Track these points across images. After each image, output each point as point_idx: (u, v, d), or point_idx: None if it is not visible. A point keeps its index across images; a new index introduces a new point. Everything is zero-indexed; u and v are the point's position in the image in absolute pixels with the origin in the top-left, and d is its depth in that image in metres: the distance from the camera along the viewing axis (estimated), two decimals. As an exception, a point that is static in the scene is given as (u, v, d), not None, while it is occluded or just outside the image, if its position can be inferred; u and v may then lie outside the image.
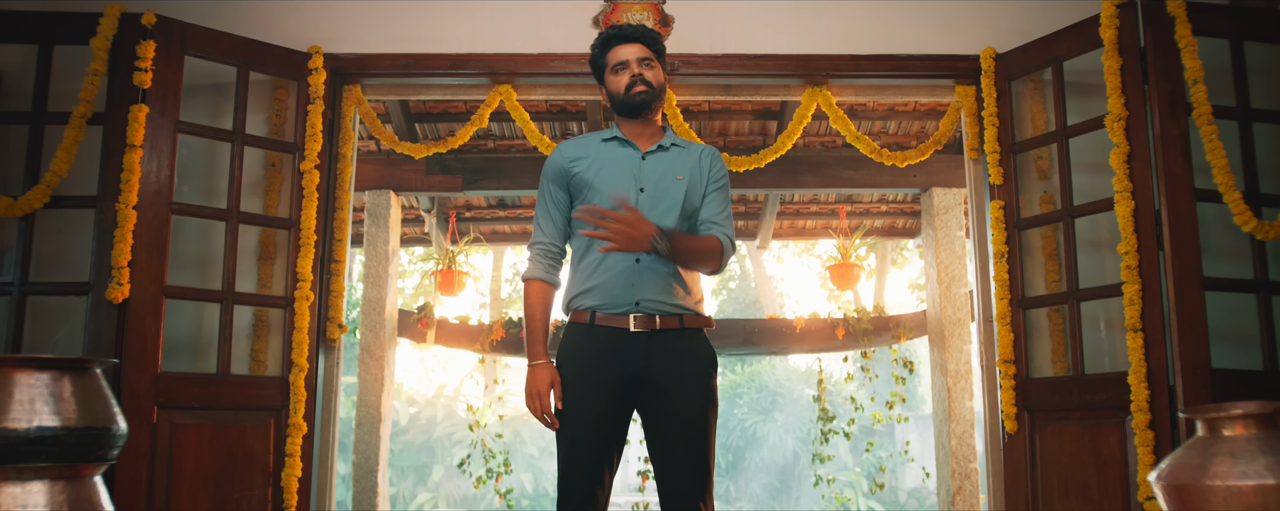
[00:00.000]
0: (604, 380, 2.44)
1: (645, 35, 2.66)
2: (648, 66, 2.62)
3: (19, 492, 1.83)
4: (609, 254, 2.47)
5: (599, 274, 2.50)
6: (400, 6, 3.95)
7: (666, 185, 2.57)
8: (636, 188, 2.55)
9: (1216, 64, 3.37)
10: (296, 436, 3.47)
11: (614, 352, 2.45)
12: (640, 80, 2.59)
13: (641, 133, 2.65)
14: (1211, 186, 3.19)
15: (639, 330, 2.45)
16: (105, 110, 3.35)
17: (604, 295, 2.49)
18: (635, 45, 2.64)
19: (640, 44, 2.64)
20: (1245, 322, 3.23)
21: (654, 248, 2.34)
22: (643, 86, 2.59)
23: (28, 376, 1.92)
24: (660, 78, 2.65)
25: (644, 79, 2.60)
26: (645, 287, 2.47)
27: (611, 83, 2.64)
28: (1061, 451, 3.37)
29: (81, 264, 3.37)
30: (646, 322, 2.46)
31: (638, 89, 2.59)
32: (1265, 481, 1.82)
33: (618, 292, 2.47)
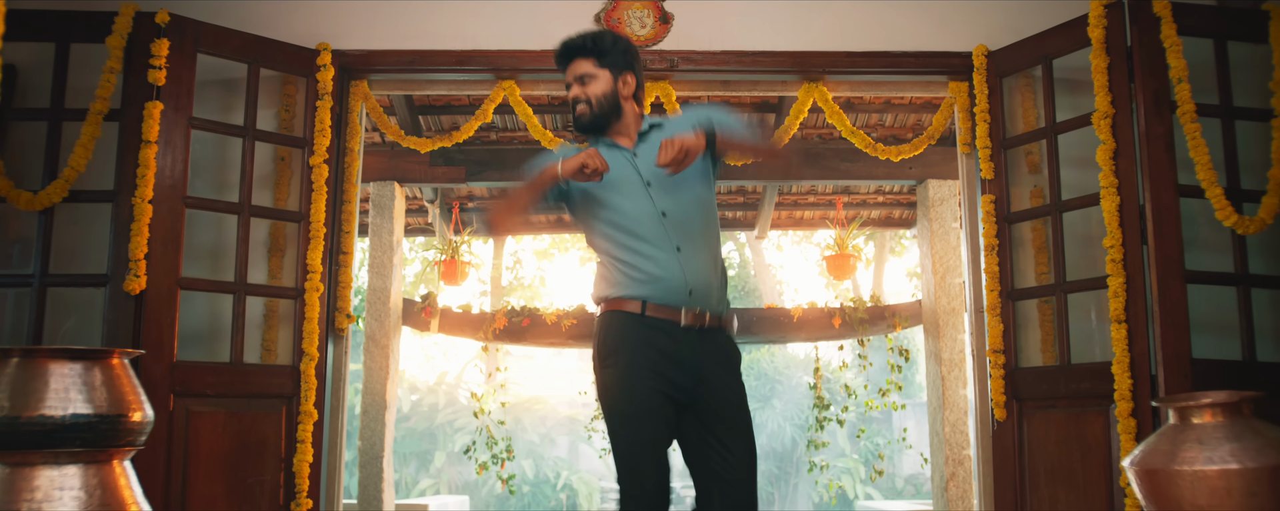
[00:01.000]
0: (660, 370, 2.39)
1: (583, 47, 2.59)
2: (587, 82, 2.57)
3: (56, 476, 1.95)
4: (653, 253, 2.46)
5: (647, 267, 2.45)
6: (406, 4, 4.04)
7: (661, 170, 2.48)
8: (644, 184, 2.52)
9: (1202, 60, 3.47)
10: (308, 423, 3.59)
11: (672, 338, 2.40)
12: (578, 101, 2.57)
13: (622, 131, 2.62)
14: (1194, 182, 3.29)
15: (690, 324, 2.41)
16: (121, 107, 3.45)
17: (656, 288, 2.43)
18: (575, 62, 2.60)
19: (580, 58, 2.59)
20: (1226, 314, 3.33)
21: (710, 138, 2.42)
22: (583, 107, 2.56)
23: (61, 366, 2.03)
24: (605, 86, 2.56)
25: (581, 98, 2.56)
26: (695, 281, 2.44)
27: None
28: (1048, 438, 3.48)
29: (97, 256, 3.47)
30: (696, 317, 2.43)
31: (578, 111, 2.57)
32: (1229, 466, 1.93)
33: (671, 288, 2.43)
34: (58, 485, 1.94)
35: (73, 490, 1.96)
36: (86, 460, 2.00)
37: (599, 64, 2.58)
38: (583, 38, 2.61)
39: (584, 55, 2.58)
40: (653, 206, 2.50)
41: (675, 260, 2.44)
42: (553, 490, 13.61)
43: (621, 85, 2.60)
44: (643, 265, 2.45)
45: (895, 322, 6.21)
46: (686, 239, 2.48)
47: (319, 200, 3.73)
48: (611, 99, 2.57)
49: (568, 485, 13.63)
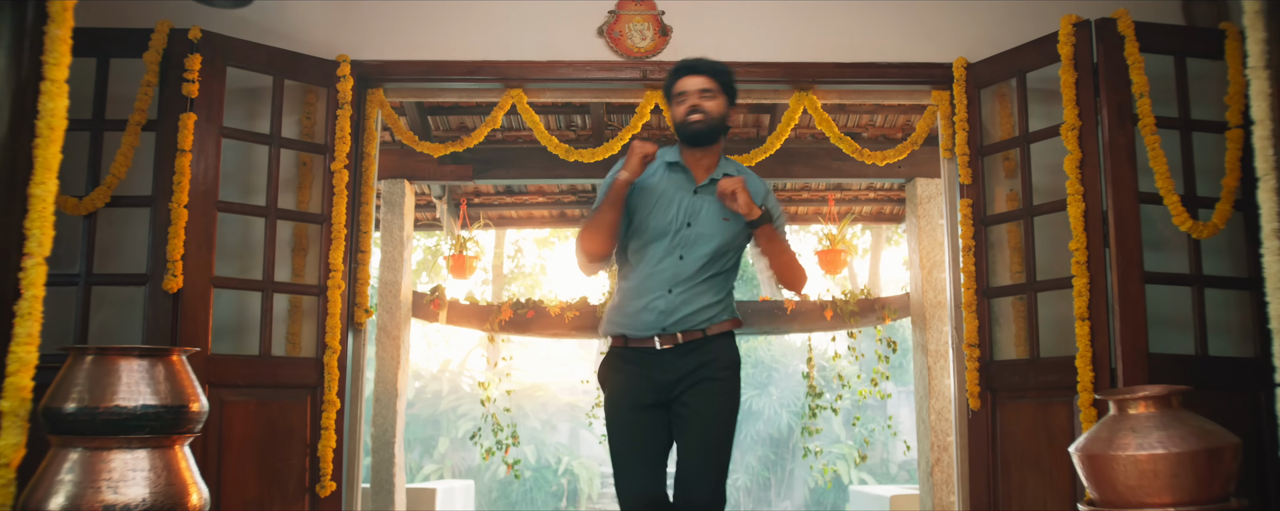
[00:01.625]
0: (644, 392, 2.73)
1: (713, 69, 2.84)
2: (708, 97, 2.80)
3: (129, 458, 2.22)
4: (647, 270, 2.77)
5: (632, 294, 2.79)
6: (420, 17, 4.29)
7: (714, 223, 2.77)
8: (684, 223, 2.77)
9: (1166, 73, 3.73)
10: (331, 411, 3.86)
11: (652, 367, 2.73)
12: (697, 110, 2.78)
13: (700, 161, 2.84)
14: (1154, 190, 3.56)
15: (665, 348, 2.72)
16: (157, 117, 3.70)
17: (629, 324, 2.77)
18: (701, 78, 2.82)
19: (706, 77, 2.82)
20: (1182, 312, 3.60)
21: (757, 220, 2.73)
22: (699, 115, 2.78)
23: (130, 363, 2.30)
24: (721, 108, 2.81)
25: (700, 108, 2.78)
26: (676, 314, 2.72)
27: (674, 111, 2.84)
28: (1018, 426, 3.75)
29: (132, 255, 3.74)
30: (668, 339, 2.72)
31: (693, 118, 2.78)
32: (1156, 451, 2.20)
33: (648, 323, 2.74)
34: (131, 467, 2.21)
35: (142, 471, 2.23)
36: (153, 445, 2.27)
37: (721, 89, 2.84)
38: (709, 61, 2.87)
39: (712, 76, 2.83)
40: (676, 245, 2.76)
41: (663, 299, 2.74)
42: (554, 475, 13.93)
43: (729, 115, 2.88)
44: (631, 305, 2.78)
45: (884, 315, 6.48)
46: (686, 283, 2.74)
47: (340, 203, 3.99)
48: (721, 120, 2.83)
49: (569, 470, 13.95)
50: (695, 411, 2.71)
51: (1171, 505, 2.19)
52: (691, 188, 2.83)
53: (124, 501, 2.19)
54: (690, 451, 2.69)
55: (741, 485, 14.21)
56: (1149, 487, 2.21)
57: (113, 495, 2.18)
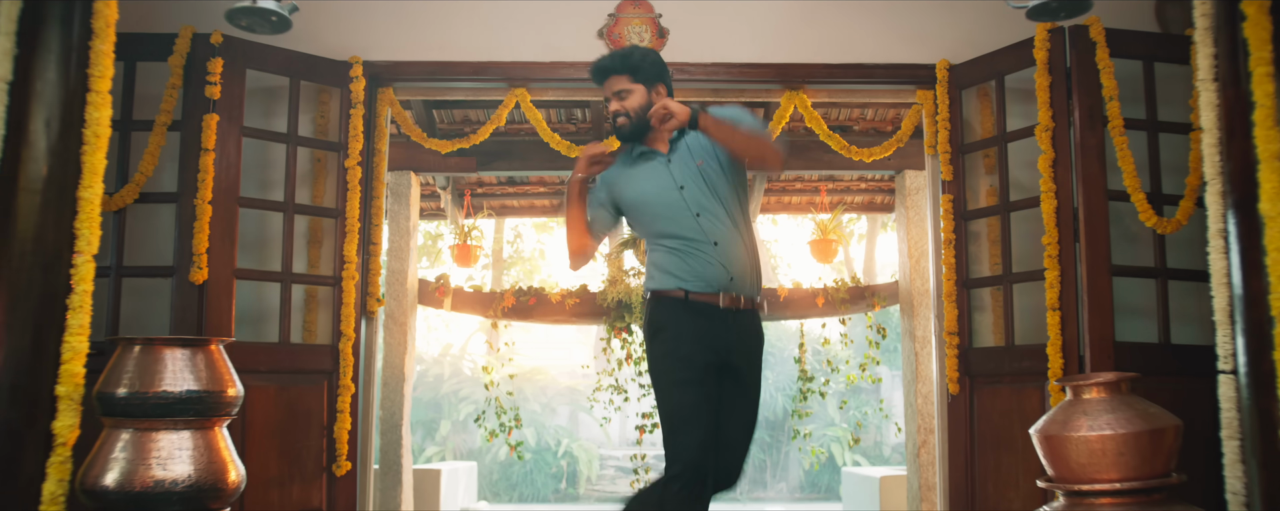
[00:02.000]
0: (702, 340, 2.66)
1: (620, 64, 2.82)
2: (624, 97, 2.81)
3: (175, 438, 2.45)
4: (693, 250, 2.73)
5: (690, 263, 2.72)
6: (429, 19, 4.49)
7: (694, 173, 2.78)
8: (677, 188, 2.78)
9: (1134, 73, 3.94)
10: (346, 395, 4.09)
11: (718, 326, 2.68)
12: (619, 113, 2.82)
13: (658, 138, 2.86)
14: (1122, 188, 3.78)
15: (727, 307, 2.69)
16: (181, 118, 3.92)
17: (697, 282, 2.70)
18: (612, 78, 2.83)
19: (616, 75, 2.82)
20: (1147, 302, 3.83)
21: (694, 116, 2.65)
22: (623, 118, 2.82)
23: (174, 352, 2.53)
24: (641, 99, 2.79)
25: (621, 112, 2.82)
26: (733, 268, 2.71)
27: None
28: (994, 410, 3.99)
29: (156, 248, 3.96)
30: (733, 301, 2.70)
31: (619, 122, 2.84)
32: (1105, 432, 2.44)
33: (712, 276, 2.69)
34: (177, 446, 2.44)
35: (187, 450, 2.46)
36: (196, 427, 2.50)
37: (634, 80, 2.82)
38: (614, 58, 2.85)
39: (619, 73, 2.82)
40: (687, 207, 2.77)
41: (713, 253, 2.71)
42: (554, 457, 14.18)
43: (655, 96, 2.83)
44: (686, 261, 2.73)
45: (874, 302, 6.70)
46: (722, 234, 2.74)
47: (353, 198, 4.21)
48: (646, 109, 2.79)
49: (568, 452, 14.20)
50: (747, 385, 2.74)
51: (1118, 480, 2.43)
52: (665, 159, 2.84)
53: (172, 477, 2.42)
54: (736, 423, 2.71)
55: (738, 467, 14.46)
56: (1098, 465, 2.45)
57: (162, 471, 2.42)
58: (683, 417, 2.59)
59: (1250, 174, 2.60)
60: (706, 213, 2.77)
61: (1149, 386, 3.51)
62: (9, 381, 2.49)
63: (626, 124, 2.83)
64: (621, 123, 2.84)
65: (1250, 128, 2.59)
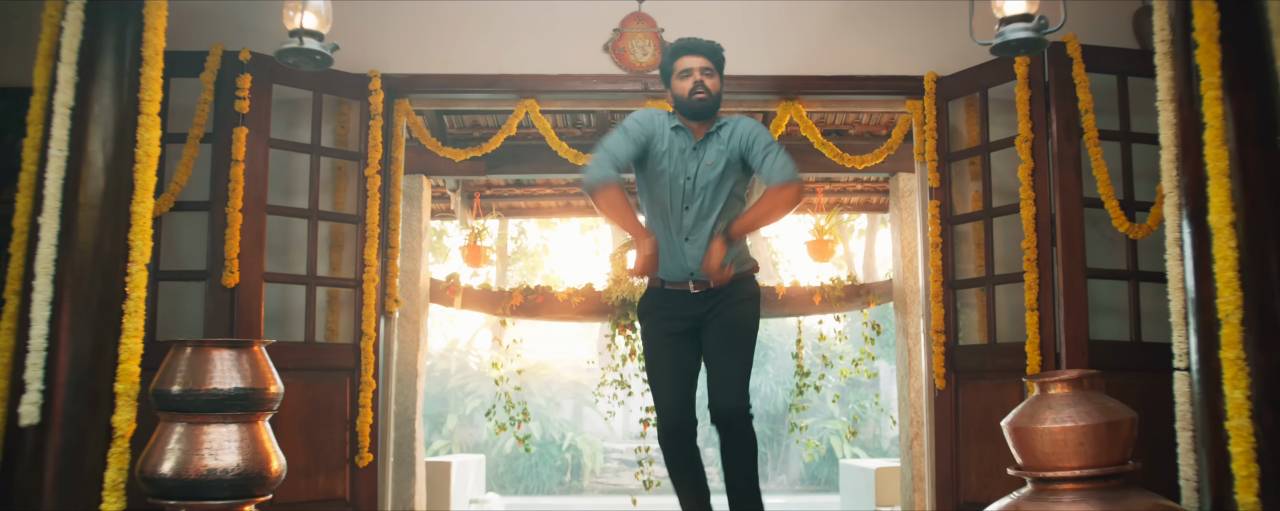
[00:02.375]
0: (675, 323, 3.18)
1: (711, 49, 3.23)
2: (709, 75, 3.20)
3: (224, 431, 2.70)
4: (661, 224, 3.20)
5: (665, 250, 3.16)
6: (443, 33, 4.74)
7: (706, 172, 3.17)
8: (687, 176, 3.17)
9: (1110, 85, 4.18)
10: (367, 391, 4.34)
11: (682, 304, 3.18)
12: (701, 87, 3.18)
13: (698, 129, 3.24)
14: (1096, 195, 4.02)
15: (697, 292, 3.17)
16: (212, 131, 4.17)
17: (669, 273, 3.20)
18: (701, 57, 3.22)
19: (705, 57, 3.22)
20: (1120, 303, 4.08)
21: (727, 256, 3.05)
22: (702, 93, 3.17)
23: (221, 353, 2.78)
24: (719, 86, 3.21)
25: (704, 86, 3.18)
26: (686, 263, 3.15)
27: (677, 87, 3.21)
28: (977, 404, 4.24)
29: (191, 253, 4.21)
30: (700, 285, 3.16)
31: (698, 95, 3.17)
32: (1067, 425, 2.68)
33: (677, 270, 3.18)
34: (226, 438, 2.70)
35: (234, 442, 2.72)
36: (242, 421, 2.76)
37: (718, 69, 3.27)
38: (716, 46, 3.26)
39: (710, 56, 3.24)
40: (682, 197, 3.18)
41: (683, 248, 3.17)
42: (558, 450, 14.46)
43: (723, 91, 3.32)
44: (661, 255, 3.15)
45: (869, 299, 6.95)
46: (697, 229, 3.17)
47: (373, 205, 4.46)
48: (720, 96, 3.27)
49: (573, 445, 14.47)
50: (717, 329, 3.16)
51: (1078, 467, 2.67)
52: (692, 145, 3.21)
53: (222, 466, 2.68)
54: (715, 362, 3.15)
55: (739, 459, 14.73)
56: (1061, 454, 2.69)
57: (213, 461, 2.67)
58: (656, 380, 3.21)
59: (1202, 188, 2.84)
60: (694, 207, 3.18)
61: (1121, 381, 3.79)
62: (73, 379, 2.75)
63: (706, 98, 3.21)
64: (701, 96, 3.21)
65: (1202, 146, 2.83)
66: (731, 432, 3.12)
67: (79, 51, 2.83)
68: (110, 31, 2.93)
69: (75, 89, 2.82)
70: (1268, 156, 2.79)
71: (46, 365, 2.71)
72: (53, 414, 2.71)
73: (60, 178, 2.76)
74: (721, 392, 3.11)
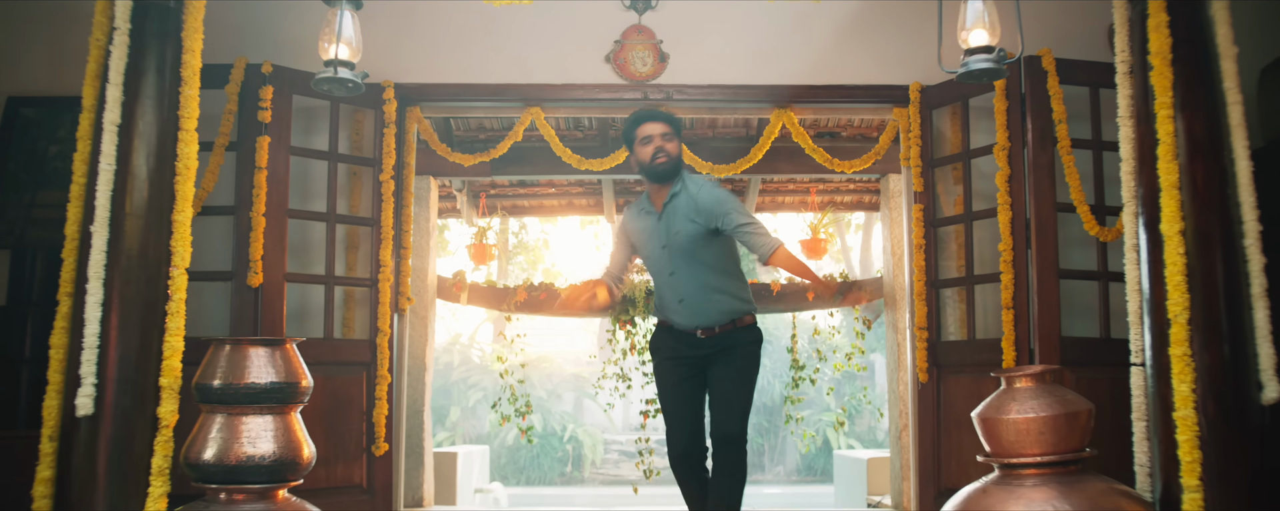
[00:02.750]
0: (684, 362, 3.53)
1: (669, 118, 3.56)
2: (668, 140, 3.50)
3: (260, 422, 2.97)
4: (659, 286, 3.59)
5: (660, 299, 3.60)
6: (453, 45, 4.98)
7: (674, 236, 3.50)
8: (661, 246, 3.53)
9: (1082, 96, 4.42)
10: (382, 385, 4.61)
11: (689, 345, 3.52)
12: (662, 152, 3.49)
13: (660, 192, 3.56)
14: (1068, 201, 4.28)
15: (704, 337, 3.50)
16: (237, 139, 4.42)
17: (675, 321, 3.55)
18: (660, 123, 3.52)
19: (664, 123, 3.52)
20: (1091, 301, 4.34)
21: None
22: (663, 157, 3.49)
23: (257, 350, 3.04)
24: (677, 149, 3.52)
25: (665, 151, 3.49)
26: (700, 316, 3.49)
27: (640, 152, 3.54)
28: (957, 396, 4.50)
29: (214, 255, 4.46)
30: (707, 332, 3.50)
31: (659, 159, 3.49)
32: (1030, 415, 2.95)
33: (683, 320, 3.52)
34: (262, 428, 2.96)
35: (269, 432, 2.98)
36: (276, 412, 3.02)
37: (676, 135, 3.56)
38: (667, 116, 3.59)
39: (667, 123, 3.56)
40: (667, 265, 3.53)
41: (678, 307, 3.53)
42: (560, 442, 14.74)
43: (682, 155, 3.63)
44: (664, 302, 3.60)
45: (861, 296, 7.20)
46: (688, 290, 3.51)
47: (387, 208, 4.71)
48: (680, 158, 3.58)
49: (574, 437, 14.75)
50: (721, 368, 3.48)
51: (1039, 454, 2.93)
52: (656, 216, 3.56)
53: (259, 453, 2.94)
54: (718, 395, 3.47)
55: (737, 451, 15.02)
56: (1024, 442, 2.95)
57: (251, 449, 2.93)
58: (670, 415, 3.55)
59: (1156, 198, 3.10)
60: (679, 271, 3.50)
61: (1091, 375, 4.06)
62: (121, 375, 3.01)
63: (667, 162, 3.53)
64: (662, 161, 3.52)
65: (1155, 161, 3.09)
66: (728, 454, 3.40)
67: (124, 72, 3.08)
68: (152, 54, 3.17)
69: (121, 108, 3.06)
70: (1214, 170, 3.05)
71: (98, 361, 2.96)
72: (104, 406, 2.97)
73: (109, 190, 3.01)
74: (725, 419, 3.41)
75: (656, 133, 3.53)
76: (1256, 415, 2.97)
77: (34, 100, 4.83)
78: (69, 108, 4.69)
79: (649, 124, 3.55)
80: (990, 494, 3.00)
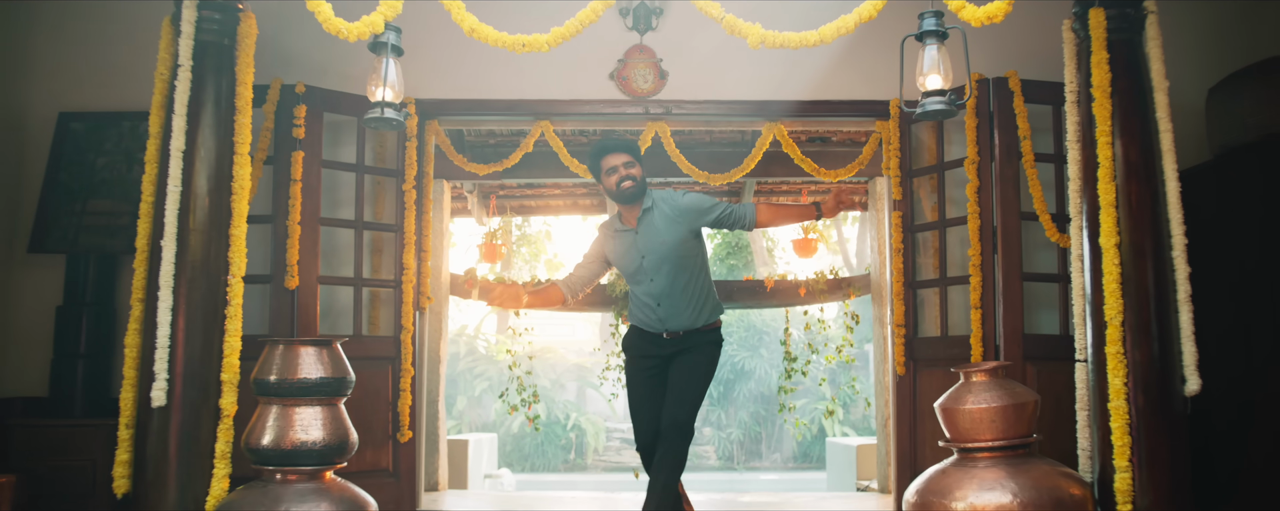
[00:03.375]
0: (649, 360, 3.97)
1: (629, 146, 3.96)
2: (630, 167, 3.89)
3: (311, 412, 3.39)
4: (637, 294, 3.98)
5: (635, 305, 4.03)
6: (469, 63, 5.39)
7: (655, 246, 3.90)
8: (640, 258, 3.93)
9: (1047, 112, 4.84)
10: (407, 377, 5.04)
11: (655, 345, 3.96)
12: (628, 178, 3.89)
13: (631, 211, 3.97)
14: (1032, 210, 4.70)
15: (668, 338, 3.94)
16: (274, 154, 4.84)
17: (640, 321, 4.01)
18: (621, 154, 3.91)
19: (624, 152, 3.92)
20: (1052, 301, 4.77)
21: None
22: (629, 182, 3.88)
23: (307, 349, 3.47)
24: (640, 173, 3.92)
25: (630, 176, 3.89)
26: (662, 320, 3.91)
27: (606, 181, 3.95)
28: (931, 388, 4.92)
29: (253, 260, 4.85)
30: (672, 334, 3.93)
31: (625, 185, 3.89)
32: (982, 406, 3.37)
33: (653, 323, 3.94)
34: (313, 417, 3.39)
35: (319, 420, 3.41)
36: (325, 403, 3.45)
37: (637, 161, 3.97)
38: (626, 143, 4.02)
39: (629, 152, 3.98)
40: (644, 276, 3.94)
41: (654, 311, 3.95)
42: (563, 430, 15.20)
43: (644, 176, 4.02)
44: (638, 307, 4.04)
45: (850, 292, 7.63)
46: (666, 297, 3.92)
47: (410, 216, 5.14)
48: (644, 180, 3.98)
49: (577, 425, 15.21)
50: (678, 366, 3.93)
51: (990, 440, 3.36)
52: (632, 233, 3.98)
53: (311, 440, 3.37)
54: (672, 386, 3.90)
55: (735, 438, 15.49)
56: (978, 429, 3.38)
57: (304, 436, 3.37)
58: (635, 412, 4.00)
59: (1096, 215, 3.52)
60: (657, 279, 3.91)
61: (1051, 369, 4.49)
62: (188, 370, 3.44)
63: (633, 186, 3.93)
64: (629, 185, 3.93)
65: (1097, 181, 3.51)
66: (672, 438, 3.79)
67: (188, 103, 3.50)
68: (210, 87, 3.59)
69: (185, 136, 3.49)
70: (1147, 190, 3.47)
71: (169, 359, 3.39)
72: (174, 397, 3.40)
73: (176, 208, 3.44)
74: (676, 408, 3.84)
75: (619, 163, 3.93)
76: (1180, 405, 3.40)
77: (82, 115, 5.24)
78: (114, 122, 5.17)
79: (610, 156, 3.96)
80: (949, 474, 3.44)
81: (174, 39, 3.61)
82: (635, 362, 4.03)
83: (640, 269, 3.96)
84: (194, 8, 3.54)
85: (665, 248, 3.91)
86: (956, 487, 3.35)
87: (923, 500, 3.41)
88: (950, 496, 3.32)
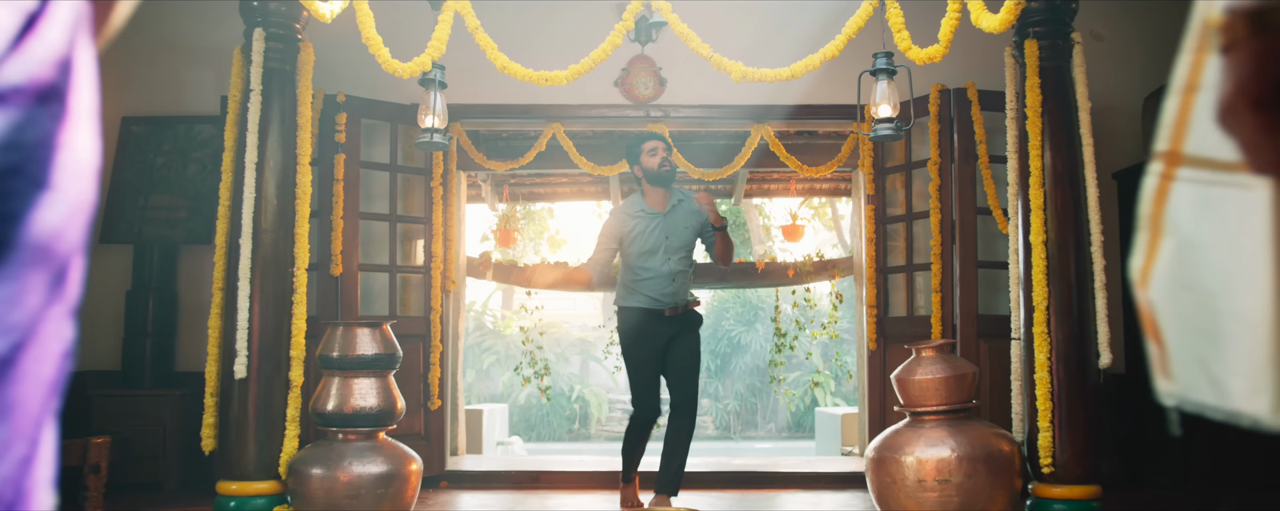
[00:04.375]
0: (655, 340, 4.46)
1: (665, 139, 4.60)
2: (668, 151, 4.52)
3: (368, 383, 4.05)
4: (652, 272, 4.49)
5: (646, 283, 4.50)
6: (487, 71, 6.00)
7: (679, 234, 4.44)
8: (665, 239, 4.44)
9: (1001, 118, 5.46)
10: (436, 353, 5.70)
11: (660, 324, 4.47)
12: (666, 161, 4.48)
13: (661, 196, 4.52)
14: (986, 206, 5.34)
15: (670, 315, 4.49)
16: (318, 157, 5.47)
17: (649, 299, 4.47)
18: (660, 141, 4.53)
19: (662, 140, 4.55)
20: (1003, 285, 5.42)
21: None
22: (667, 165, 4.49)
23: (362, 329, 4.12)
24: (676, 159, 4.61)
25: (669, 160, 4.49)
26: (673, 295, 4.48)
27: (646, 162, 4.49)
28: (898, 362, 5.55)
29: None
30: (673, 310, 4.47)
31: (665, 167, 4.46)
32: (929, 377, 4.04)
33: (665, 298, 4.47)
34: (368, 388, 4.05)
35: (374, 391, 4.07)
36: (378, 375, 4.11)
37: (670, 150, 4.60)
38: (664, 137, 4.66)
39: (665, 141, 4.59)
40: (666, 257, 4.49)
41: (669, 284, 4.45)
42: (568, 401, 15.91)
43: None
44: (653, 287, 4.47)
45: (834, 273, 8.28)
46: (678, 274, 4.48)
47: (437, 210, 5.78)
48: (676, 167, 4.62)
49: (581, 397, 15.92)
50: (680, 346, 4.48)
51: (935, 405, 4.03)
52: (661, 216, 4.55)
53: (367, 406, 4.03)
54: (680, 372, 4.47)
55: (731, 409, 16.21)
56: (926, 396, 4.05)
57: (361, 402, 4.03)
58: (639, 385, 4.43)
59: (1029, 216, 4.16)
60: (675, 258, 4.49)
61: (1001, 346, 5.14)
62: (262, 348, 4.10)
63: (671, 168, 4.53)
64: (667, 168, 4.51)
65: (1029, 187, 4.15)
66: (686, 414, 4.42)
67: (259, 121, 4.13)
68: (276, 106, 4.22)
69: (257, 150, 4.12)
70: (1071, 196, 4.11)
71: (247, 338, 4.05)
72: (252, 371, 4.06)
73: (252, 211, 4.08)
74: (688, 386, 4.45)
75: (660, 146, 4.54)
76: (1094, 375, 4.06)
77: (141, 119, 5.87)
78: (169, 125, 5.81)
79: (652, 141, 4.57)
80: (901, 434, 4.10)
81: (244, 66, 4.23)
82: (640, 343, 4.44)
83: (664, 248, 4.45)
84: (262, 39, 4.16)
85: (687, 234, 4.49)
86: (907, 444, 4.01)
87: (879, 455, 4.08)
88: (901, 451, 3.99)
